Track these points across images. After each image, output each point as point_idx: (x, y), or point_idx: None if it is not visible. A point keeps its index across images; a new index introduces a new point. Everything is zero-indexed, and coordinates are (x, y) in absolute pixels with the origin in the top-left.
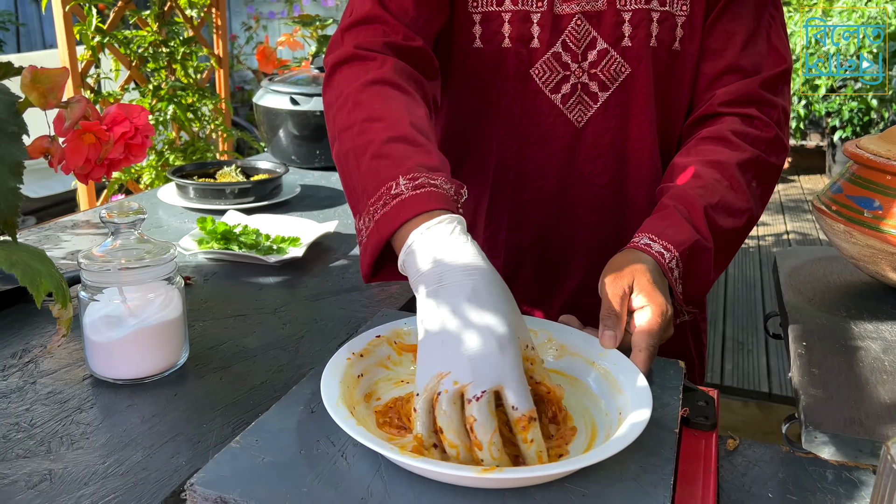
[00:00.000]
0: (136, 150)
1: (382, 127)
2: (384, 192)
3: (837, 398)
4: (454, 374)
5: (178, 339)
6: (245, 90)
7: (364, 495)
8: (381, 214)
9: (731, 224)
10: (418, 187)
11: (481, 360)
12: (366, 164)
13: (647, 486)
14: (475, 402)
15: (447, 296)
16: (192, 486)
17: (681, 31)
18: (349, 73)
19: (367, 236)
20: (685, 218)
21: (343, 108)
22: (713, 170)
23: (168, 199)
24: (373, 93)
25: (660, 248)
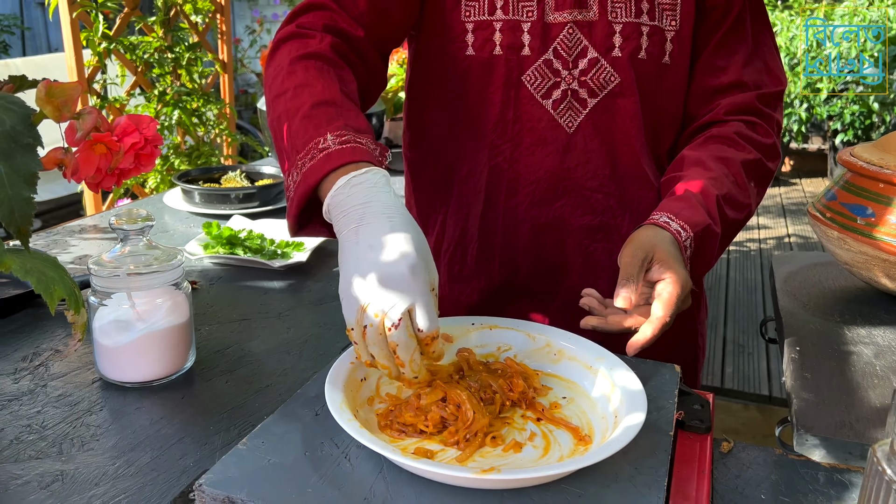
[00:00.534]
0: (145, 159)
1: (314, 91)
2: (312, 147)
3: (829, 402)
4: (374, 304)
5: (185, 343)
6: (248, 93)
7: (367, 495)
8: (308, 167)
9: (735, 216)
10: (344, 143)
11: (394, 287)
12: (296, 125)
13: (642, 488)
14: (394, 329)
15: (366, 233)
16: (201, 486)
17: (670, 45)
18: (289, 47)
19: (294, 189)
20: (700, 204)
21: (278, 76)
22: (721, 164)
23: (174, 204)
24: (308, 64)
25: (678, 227)
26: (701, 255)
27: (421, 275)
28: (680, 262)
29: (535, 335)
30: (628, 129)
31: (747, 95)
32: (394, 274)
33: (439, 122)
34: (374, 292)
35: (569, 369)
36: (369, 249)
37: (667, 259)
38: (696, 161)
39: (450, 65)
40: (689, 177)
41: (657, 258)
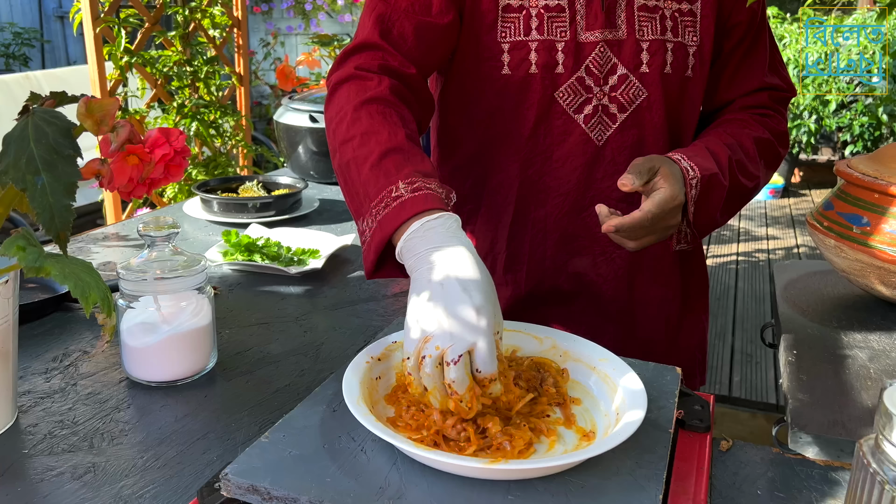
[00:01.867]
0: (174, 169)
1: (381, 139)
2: (385, 195)
3: (823, 402)
4: (437, 338)
5: (207, 344)
6: (262, 105)
7: (382, 485)
8: (383, 215)
9: (743, 182)
10: (416, 190)
11: (460, 325)
12: (366, 173)
13: (642, 480)
14: (452, 365)
15: (438, 272)
16: (227, 475)
17: (692, 59)
18: (349, 91)
19: (371, 235)
20: (712, 156)
21: (342, 122)
22: (734, 137)
23: (193, 213)
24: (371, 109)
25: (687, 165)
26: (706, 203)
27: (487, 318)
28: (679, 183)
29: (542, 337)
30: (654, 140)
31: (761, 95)
32: (462, 312)
33: (471, 139)
34: (440, 327)
35: (573, 370)
36: (440, 287)
37: (668, 175)
38: (711, 132)
39: (484, 84)
40: (707, 137)
41: (661, 173)
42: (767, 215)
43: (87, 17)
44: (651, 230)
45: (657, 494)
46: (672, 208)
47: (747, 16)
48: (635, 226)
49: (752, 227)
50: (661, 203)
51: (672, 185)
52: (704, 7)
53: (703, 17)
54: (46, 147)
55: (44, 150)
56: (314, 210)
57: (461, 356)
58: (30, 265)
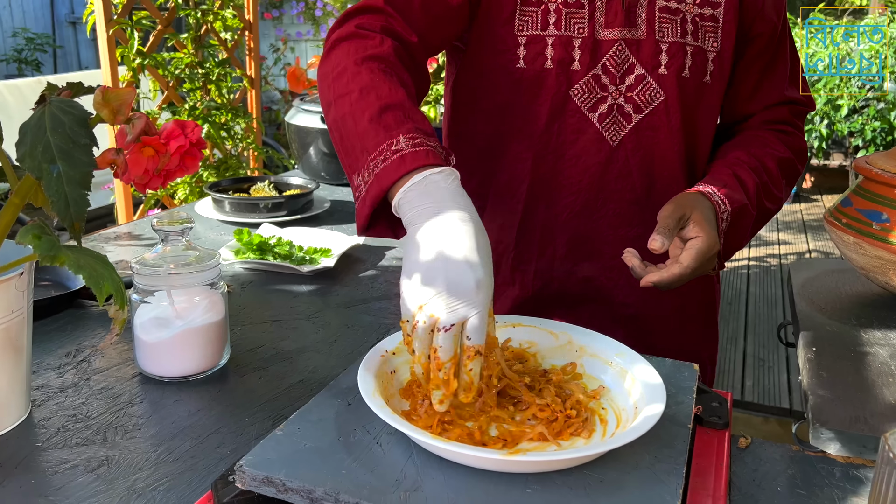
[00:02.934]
0: (189, 161)
1: (381, 94)
2: (385, 148)
3: (844, 398)
4: (430, 306)
5: (220, 340)
6: (272, 110)
7: (398, 477)
8: (381, 168)
9: (769, 206)
10: (417, 145)
11: (457, 296)
12: (364, 126)
13: (661, 475)
14: (443, 332)
15: (439, 233)
16: (242, 467)
17: (711, 65)
18: (349, 47)
19: (367, 189)
20: (741, 186)
21: (341, 77)
22: (759, 160)
23: (205, 213)
24: (371, 66)
25: (719, 199)
26: (735, 231)
27: (484, 290)
28: (714, 227)
29: (558, 333)
30: (670, 144)
31: (782, 109)
32: (460, 283)
33: (482, 133)
34: (437, 294)
35: (590, 365)
36: (439, 251)
37: (701, 221)
38: (736, 153)
39: (498, 77)
40: (734, 161)
41: (693, 218)
42: (779, 220)
43: (101, 19)
44: (688, 279)
45: (677, 488)
46: (710, 257)
47: (769, 27)
48: (674, 280)
49: (763, 233)
50: (698, 255)
51: (708, 233)
52: (727, 13)
53: (725, 23)
54: (62, 136)
55: (60, 139)
56: (325, 210)
57: (454, 325)
58: (45, 254)
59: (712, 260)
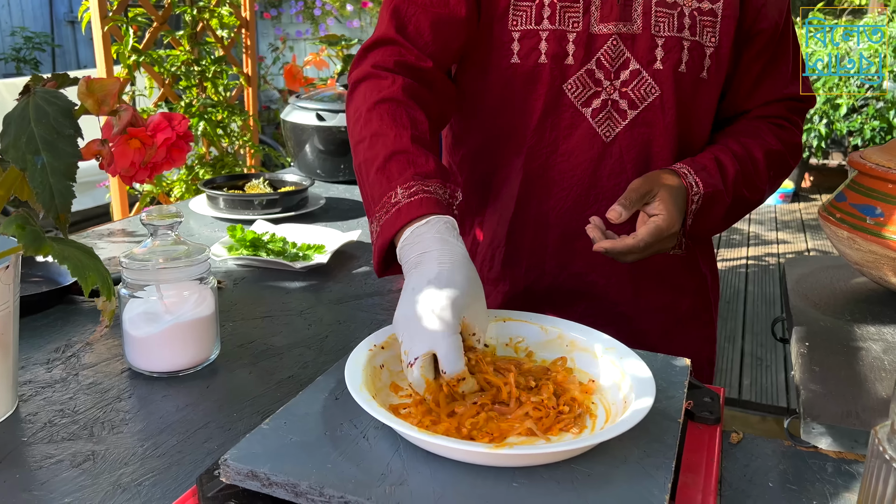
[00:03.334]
0: (176, 154)
1: (387, 142)
2: (386, 201)
3: (836, 393)
4: (404, 343)
5: (210, 335)
6: (271, 109)
7: (384, 471)
8: (384, 221)
9: (748, 195)
10: (412, 195)
11: (416, 330)
12: (372, 176)
13: (650, 469)
14: (408, 367)
15: (415, 280)
16: (226, 461)
17: (709, 61)
18: (365, 90)
19: (376, 238)
20: (720, 171)
21: (357, 122)
22: (746, 148)
23: (199, 210)
24: (382, 110)
25: (692, 181)
26: (706, 215)
27: (446, 320)
28: (679, 208)
29: (548, 327)
30: (664, 141)
31: (779, 106)
32: (421, 318)
33: (477, 130)
34: (405, 333)
35: (580, 359)
36: (412, 292)
37: (667, 199)
38: (725, 141)
39: (493, 73)
40: (719, 148)
41: (659, 196)
42: (777, 219)
43: (96, 16)
44: (642, 254)
45: (666, 483)
46: (667, 236)
47: (771, 24)
48: (625, 251)
49: (762, 231)
50: (655, 232)
51: (670, 212)
52: (726, 8)
53: (723, 17)
54: (47, 127)
55: (44, 130)
56: (320, 207)
57: (417, 359)
58: (28, 244)
59: (671, 239)
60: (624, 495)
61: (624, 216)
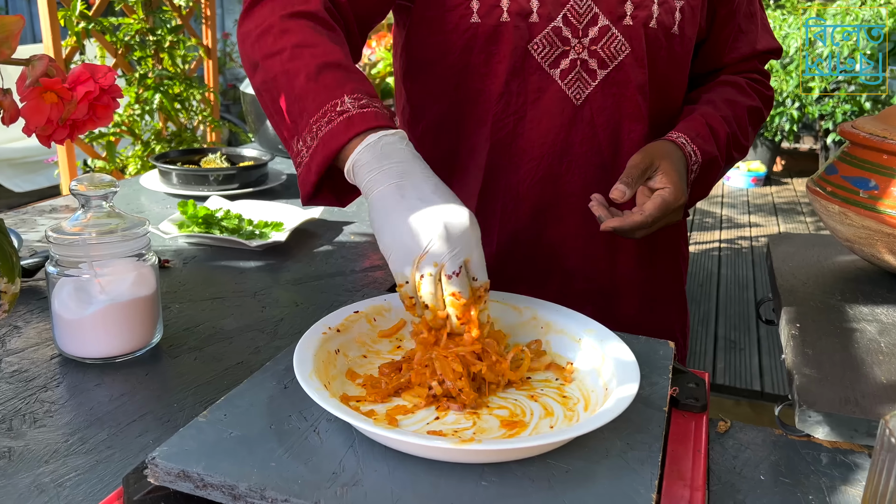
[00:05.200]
0: (101, 111)
1: (317, 52)
2: (329, 109)
3: (832, 378)
4: (432, 253)
5: (150, 317)
6: (237, 88)
7: (336, 470)
8: (326, 130)
9: (735, 156)
10: (363, 106)
11: (454, 238)
12: (301, 86)
13: (634, 463)
14: (455, 277)
15: (412, 188)
16: (154, 459)
17: (679, 14)
18: (273, 4)
19: (311, 154)
20: (713, 136)
21: (266, 34)
22: (730, 107)
23: (151, 186)
24: (301, 23)
25: (691, 150)
26: (701, 183)
27: (476, 228)
28: (683, 178)
29: (522, 308)
30: (637, 102)
31: (753, 61)
32: (455, 225)
33: (438, 100)
34: (435, 241)
35: (557, 342)
36: (420, 202)
37: (671, 171)
38: (709, 100)
39: (451, 35)
40: (707, 110)
41: (662, 168)
42: (750, 203)
43: None
44: (650, 229)
45: (652, 479)
46: (675, 209)
47: None
48: (635, 228)
49: (734, 215)
50: (663, 206)
51: (676, 183)
52: None
53: None
54: None
55: None
56: (281, 184)
57: (461, 267)
58: None
59: (678, 211)
60: (606, 494)
61: (628, 195)
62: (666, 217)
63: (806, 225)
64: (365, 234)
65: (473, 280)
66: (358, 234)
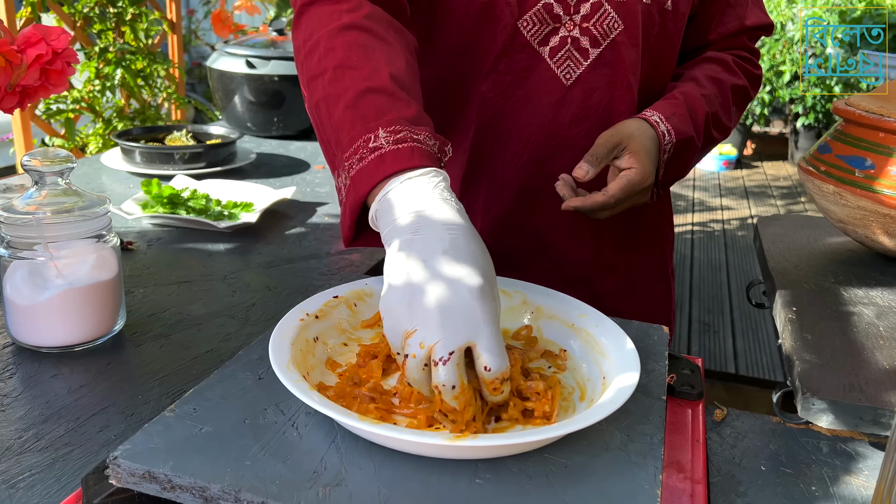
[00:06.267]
0: (54, 77)
1: (358, 76)
2: (361, 146)
3: (834, 364)
4: (420, 332)
5: (112, 303)
6: (203, 66)
7: (317, 468)
8: (357, 169)
9: (716, 136)
10: (400, 141)
11: (451, 314)
12: (339, 115)
13: (636, 456)
14: (441, 365)
15: (421, 246)
16: (116, 459)
17: None
18: (320, 13)
19: (346, 195)
20: (690, 115)
21: (313, 53)
22: (714, 85)
23: (112, 164)
24: (348, 38)
25: (665, 129)
26: (677, 162)
27: (488, 303)
28: (652, 158)
29: (511, 292)
30: (628, 82)
31: (741, 37)
32: (453, 300)
33: (426, 79)
34: (424, 318)
35: (548, 328)
36: (424, 265)
37: (639, 151)
38: (692, 77)
39: (443, 16)
40: (687, 88)
41: (630, 148)
42: (721, 186)
43: None
44: (614, 210)
45: (656, 474)
46: (640, 190)
47: None
48: (597, 208)
49: (706, 198)
50: (627, 187)
51: (643, 164)
52: None
53: None
54: None
55: None
56: (250, 163)
57: (452, 353)
58: None
59: (644, 193)
60: (608, 490)
61: (591, 174)
62: (631, 198)
63: (777, 208)
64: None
65: (486, 370)
66: (332, 216)
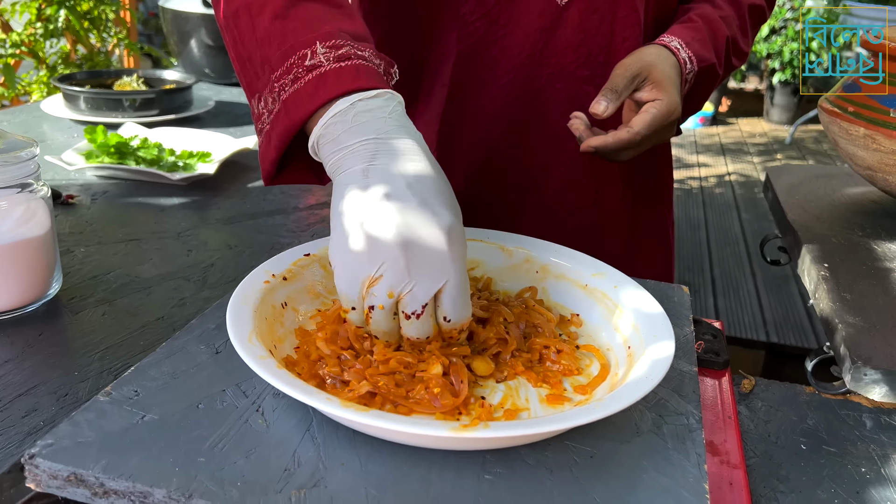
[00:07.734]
0: None
1: None
2: (295, 63)
3: (882, 327)
4: (387, 278)
5: (43, 264)
6: (159, 17)
7: (288, 465)
8: (290, 92)
9: (734, 64)
10: (342, 58)
11: (422, 258)
12: (265, 26)
13: (672, 441)
14: (414, 319)
15: (380, 178)
16: (34, 458)
17: None
18: None
19: (271, 121)
20: (710, 41)
21: None
22: (731, 6)
23: (54, 112)
24: None
25: (686, 56)
26: (696, 94)
27: (457, 245)
28: (676, 87)
29: (512, 248)
30: (634, 3)
31: None
32: (423, 242)
33: (402, 7)
34: (392, 263)
35: (557, 290)
36: (385, 199)
37: (662, 81)
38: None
39: None
40: (704, 10)
41: (652, 78)
42: (698, 143)
43: None
44: (639, 149)
45: (700, 464)
46: (668, 124)
47: None
48: (620, 147)
49: (683, 155)
50: (654, 122)
51: (668, 95)
52: None
53: None
54: None
55: None
56: (208, 112)
57: (425, 307)
58: None
59: (671, 127)
60: (646, 485)
61: (610, 109)
62: (657, 134)
63: (753, 165)
64: None
65: (445, 320)
66: None
